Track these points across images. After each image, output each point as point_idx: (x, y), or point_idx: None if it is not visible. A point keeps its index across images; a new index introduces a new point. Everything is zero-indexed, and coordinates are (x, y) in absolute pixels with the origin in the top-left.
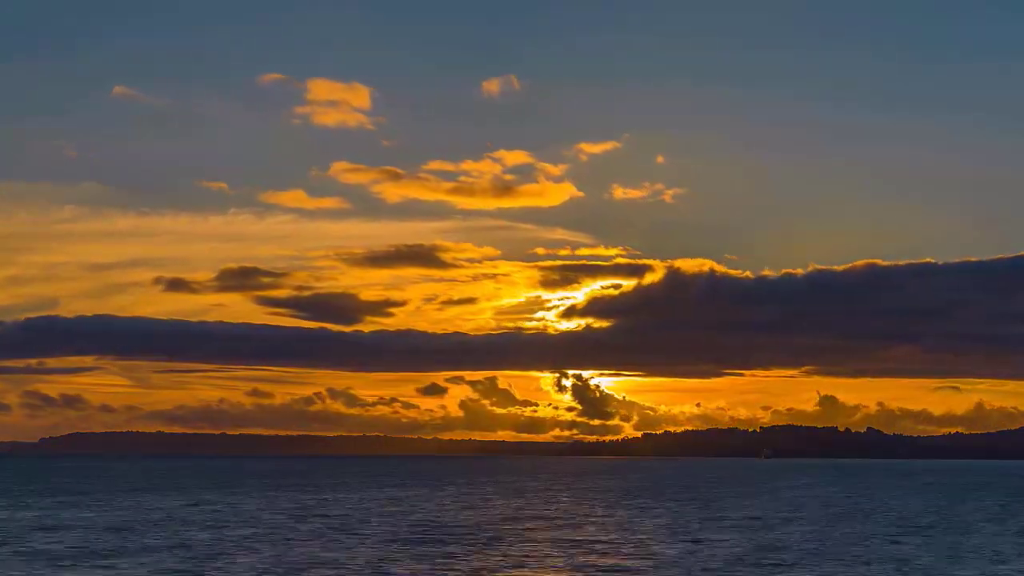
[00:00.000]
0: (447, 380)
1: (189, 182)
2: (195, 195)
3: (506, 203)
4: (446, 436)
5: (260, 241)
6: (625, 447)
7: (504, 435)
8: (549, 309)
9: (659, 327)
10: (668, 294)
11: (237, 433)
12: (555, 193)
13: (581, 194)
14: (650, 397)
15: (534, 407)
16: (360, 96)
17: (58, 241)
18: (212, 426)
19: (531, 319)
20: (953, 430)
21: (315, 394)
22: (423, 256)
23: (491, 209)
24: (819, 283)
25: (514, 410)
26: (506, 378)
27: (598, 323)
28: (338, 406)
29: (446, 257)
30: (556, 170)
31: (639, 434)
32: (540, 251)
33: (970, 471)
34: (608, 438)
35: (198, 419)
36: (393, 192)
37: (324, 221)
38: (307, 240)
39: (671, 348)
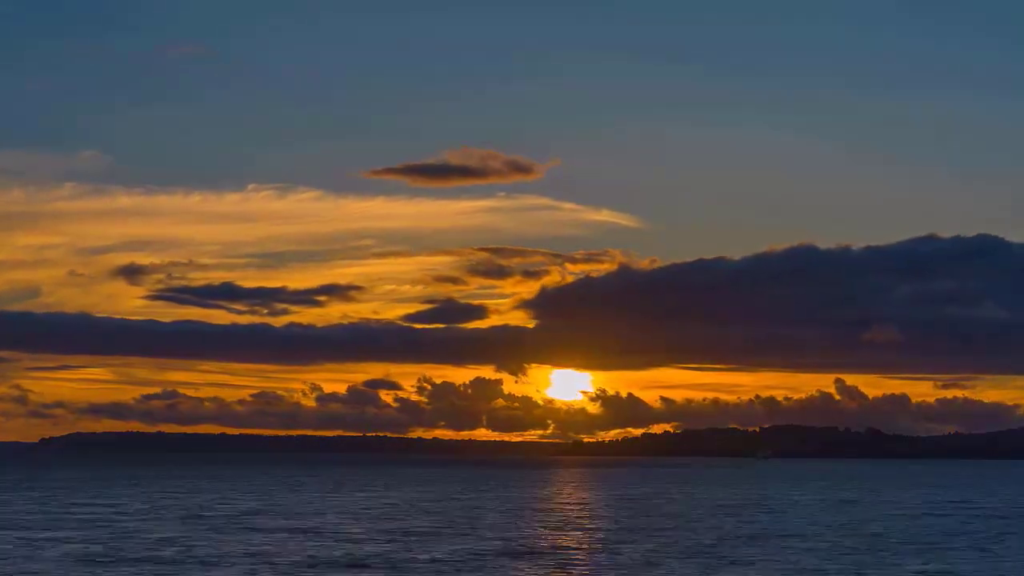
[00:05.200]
0: (399, 375)
1: None
2: None
3: (447, 184)
4: (430, 434)
5: (190, 229)
6: (625, 447)
7: (483, 433)
8: (498, 299)
9: (617, 318)
10: (622, 283)
11: (237, 433)
12: (498, 176)
13: (527, 179)
14: (634, 393)
15: (508, 403)
16: None
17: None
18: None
19: (478, 311)
20: (953, 429)
21: (283, 391)
22: (354, 242)
23: (441, 188)
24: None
25: (483, 405)
26: (460, 372)
27: (548, 314)
28: (306, 402)
29: (378, 244)
30: (499, 154)
31: (638, 433)
32: (487, 236)
33: None
34: (608, 438)
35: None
36: None
37: (251, 206)
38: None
39: (635, 340)
